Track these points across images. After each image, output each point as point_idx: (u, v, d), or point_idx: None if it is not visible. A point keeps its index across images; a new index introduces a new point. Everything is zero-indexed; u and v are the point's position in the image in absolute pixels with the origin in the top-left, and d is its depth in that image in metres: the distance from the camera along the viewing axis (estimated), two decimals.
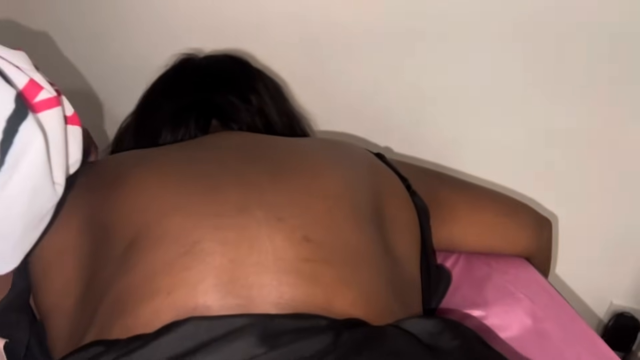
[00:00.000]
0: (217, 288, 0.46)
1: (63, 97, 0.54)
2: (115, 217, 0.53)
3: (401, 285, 0.55)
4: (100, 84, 1.08)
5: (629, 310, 1.16)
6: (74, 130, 0.54)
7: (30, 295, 0.57)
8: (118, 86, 1.03)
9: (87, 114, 0.66)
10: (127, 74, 1.00)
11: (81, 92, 1.07)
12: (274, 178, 0.55)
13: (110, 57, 1.04)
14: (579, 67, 0.91)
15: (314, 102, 0.99)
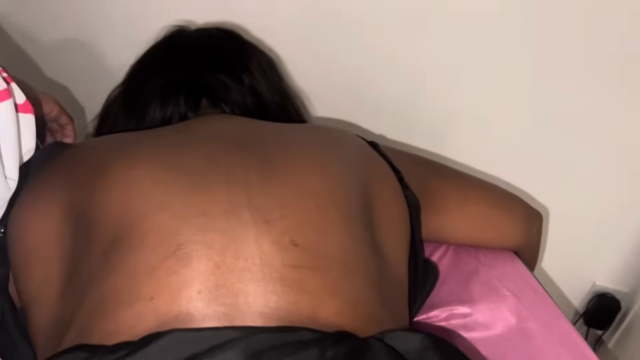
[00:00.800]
0: (202, 295, 0.45)
1: (13, 85, 0.52)
2: (98, 213, 0.51)
3: (388, 288, 0.55)
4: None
5: (610, 291, 1.19)
6: (26, 119, 0.53)
7: (8, 282, 0.57)
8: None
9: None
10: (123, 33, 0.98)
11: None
12: (263, 176, 0.53)
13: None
14: (577, 48, 0.90)
15: (308, 80, 0.96)
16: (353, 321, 0.47)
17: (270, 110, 0.77)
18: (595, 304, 1.19)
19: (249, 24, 0.90)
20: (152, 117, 0.71)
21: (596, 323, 1.21)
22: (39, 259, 0.53)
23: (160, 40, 0.79)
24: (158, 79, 0.73)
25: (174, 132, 0.62)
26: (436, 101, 1.03)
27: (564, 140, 1.01)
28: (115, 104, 0.78)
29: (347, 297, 0.49)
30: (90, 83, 1.04)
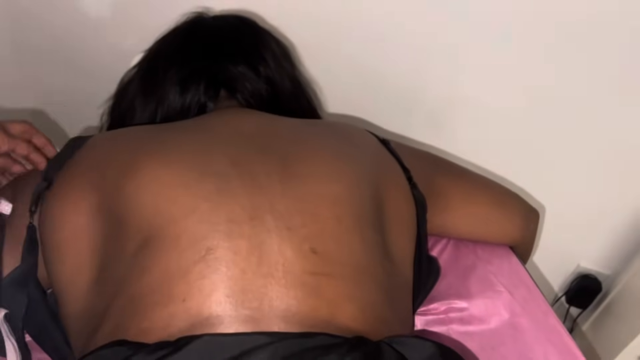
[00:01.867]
0: (230, 299, 0.49)
1: None
2: (129, 212, 0.54)
3: (395, 288, 0.59)
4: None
5: (593, 273, 1.25)
6: None
7: (36, 271, 0.60)
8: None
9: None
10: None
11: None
12: (284, 182, 0.56)
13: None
14: (581, 38, 0.92)
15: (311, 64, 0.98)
16: (364, 325, 0.52)
17: (283, 98, 0.79)
18: (578, 284, 1.26)
19: (264, 11, 0.91)
20: (171, 103, 0.73)
21: (577, 302, 1.28)
22: (71, 251, 0.56)
23: (179, 26, 0.80)
24: (178, 66, 0.74)
25: (196, 131, 0.64)
26: (437, 89, 1.05)
27: (556, 131, 1.04)
28: (132, 86, 0.79)
29: (359, 302, 0.53)
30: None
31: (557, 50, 0.93)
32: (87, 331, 0.53)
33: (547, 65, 0.96)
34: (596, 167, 1.08)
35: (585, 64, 0.94)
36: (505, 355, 0.67)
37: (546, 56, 0.95)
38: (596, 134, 1.03)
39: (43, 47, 1.18)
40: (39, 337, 0.60)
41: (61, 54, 1.17)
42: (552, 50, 0.93)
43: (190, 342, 0.45)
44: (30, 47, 1.20)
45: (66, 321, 0.57)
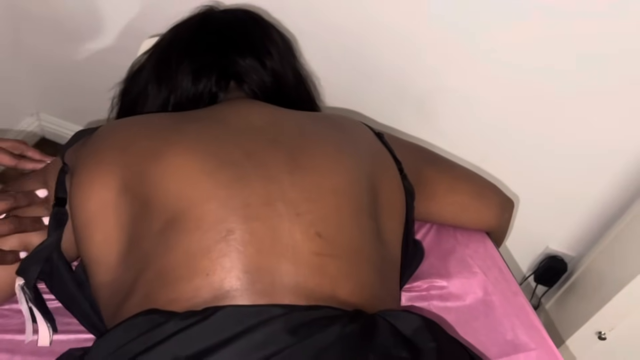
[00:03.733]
0: (247, 275, 0.56)
1: None
2: (154, 195, 0.60)
3: (386, 269, 0.68)
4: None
5: (560, 254, 1.36)
6: None
7: (60, 246, 0.66)
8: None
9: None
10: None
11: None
12: (292, 173, 0.63)
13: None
14: (562, 35, 0.98)
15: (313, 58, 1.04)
16: (361, 300, 0.60)
17: (286, 90, 0.86)
18: (546, 264, 1.36)
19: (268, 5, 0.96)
20: (184, 92, 0.79)
21: (544, 280, 1.39)
22: (100, 224, 0.62)
23: (190, 19, 0.85)
24: (191, 58, 0.80)
25: (212, 123, 0.70)
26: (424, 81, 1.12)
27: (532, 123, 1.13)
28: (144, 73, 0.85)
29: (357, 280, 0.61)
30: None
31: (539, 47, 1.00)
32: (117, 300, 0.60)
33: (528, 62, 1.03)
34: (566, 158, 1.16)
35: (564, 63, 1.01)
36: (478, 329, 0.76)
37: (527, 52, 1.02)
38: (568, 127, 1.11)
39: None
40: (68, 304, 0.67)
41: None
42: (534, 46, 1.00)
43: (216, 311, 0.52)
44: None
45: (96, 290, 0.63)
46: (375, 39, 1.08)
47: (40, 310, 0.64)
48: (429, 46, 1.07)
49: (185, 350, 0.49)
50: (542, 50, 1.01)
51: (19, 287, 0.61)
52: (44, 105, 1.67)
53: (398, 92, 1.16)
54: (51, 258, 0.64)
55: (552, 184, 1.22)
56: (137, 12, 1.27)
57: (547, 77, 1.04)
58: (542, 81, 1.05)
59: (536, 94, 1.07)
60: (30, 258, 0.63)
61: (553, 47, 0.99)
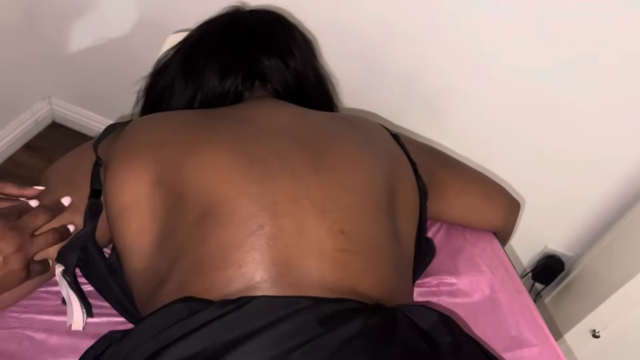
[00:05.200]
0: (276, 268, 0.60)
1: None
2: (187, 189, 0.64)
3: (402, 266, 0.72)
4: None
5: (558, 254, 1.40)
6: None
7: (94, 236, 0.69)
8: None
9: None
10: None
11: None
12: (317, 172, 0.67)
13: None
14: (572, 42, 1.01)
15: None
16: (380, 294, 0.64)
17: (307, 89, 0.89)
18: (544, 263, 1.41)
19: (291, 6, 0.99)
20: (211, 89, 0.83)
21: (541, 279, 1.43)
22: (134, 214, 0.66)
23: (218, 18, 0.88)
24: (218, 56, 0.83)
25: (240, 122, 0.73)
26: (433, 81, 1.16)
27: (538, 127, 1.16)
28: (171, 69, 0.88)
29: (377, 275, 0.65)
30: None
31: (544, 50, 1.04)
32: (151, 287, 0.63)
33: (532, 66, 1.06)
34: (567, 161, 1.20)
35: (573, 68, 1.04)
36: (484, 324, 0.80)
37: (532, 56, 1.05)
38: (570, 131, 1.15)
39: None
40: (101, 290, 0.71)
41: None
42: (539, 50, 1.04)
43: (250, 301, 0.56)
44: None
45: (130, 277, 0.67)
46: (386, 40, 1.11)
47: (78, 295, 0.68)
48: (438, 48, 1.10)
49: (221, 336, 0.53)
50: (547, 54, 1.04)
51: (59, 273, 0.64)
52: (56, 89, 1.69)
53: (406, 92, 1.20)
54: (86, 246, 0.68)
55: (553, 185, 1.26)
56: (151, 3, 1.30)
57: (550, 81, 1.08)
58: (545, 85, 1.08)
59: (539, 97, 1.11)
60: (68, 246, 0.66)
61: (558, 51, 1.03)
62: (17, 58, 1.52)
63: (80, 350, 0.65)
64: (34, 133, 1.70)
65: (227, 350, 0.51)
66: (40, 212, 0.64)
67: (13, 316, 0.68)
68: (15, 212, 0.62)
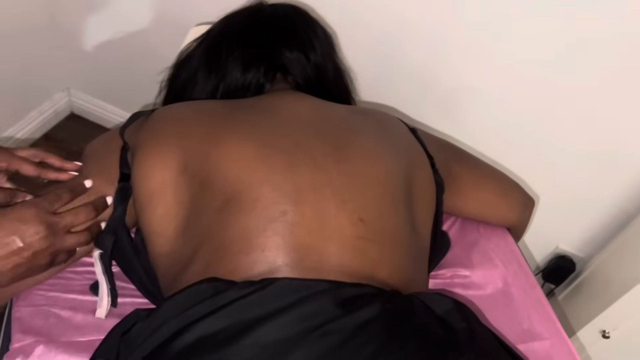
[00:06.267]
0: (298, 253, 0.62)
1: None
2: (214, 175, 0.66)
3: (419, 257, 0.73)
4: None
5: (569, 254, 1.41)
6: None
7: (124, 218, 0.71)
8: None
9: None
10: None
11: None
12: (338, 163, 0.68)
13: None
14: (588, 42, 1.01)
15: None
16: (397, 282, 0.66)
17: (327, 83, 0.91)
18: (555, 263, 1.41)
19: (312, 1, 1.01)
20: (233, 81, 0.85)
21: (552, 279, 1.44)
22: (160, 200, 0.68)
23: (241, 11, 0.90)
24: (241, 49, 0.85)
25: (263, 113, 0.75)
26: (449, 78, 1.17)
27: (553, 126, 1.17)
28: (194, 60, 0.90)
29: (395, 264, 0.67)
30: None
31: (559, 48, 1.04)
32: (176, 269, 0.65)
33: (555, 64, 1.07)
34: (582, 162, 1.21)
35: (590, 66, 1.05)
36: (497, 317, 0.81)
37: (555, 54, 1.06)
38: (587, 132, 1.15)
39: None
40: (127, 271, 0.73)
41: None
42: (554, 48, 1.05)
43: (273, 282, 0.58)
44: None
45: (155, 259, 0.69)
46: (403, 36, 1.13)
47: (109, 281, 0.70)
48: (454, 45, 1.12)
49: (246, 314, 0.55)
50: (565, 51, 1.05)
51: (96, 256, 0.67)
52: (75, 81, 1.72)
53: (422, 88, 1.21)
54: (117, 229, 0.70)
55: (566, 185, 1.27)
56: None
57: (564, 79, 1.08)
58: (559, 83, 1.09)
59: (553, 95, 1.12)
60: (104, 230, 0.69)
61: (574, 49, 1.03)
62: (39, 49, 1.55)
63: (104, 328, 0.67)
64: (53, 123, 1.74)
65: (251, 327, 0.53)
66: (82, 210, 0.66)
67: (40, 294, 0.70)
68: (57, 200, 0.64)
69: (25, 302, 0.69)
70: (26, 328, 0.66)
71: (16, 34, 1.45)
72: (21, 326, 0.66)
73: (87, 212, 0.66)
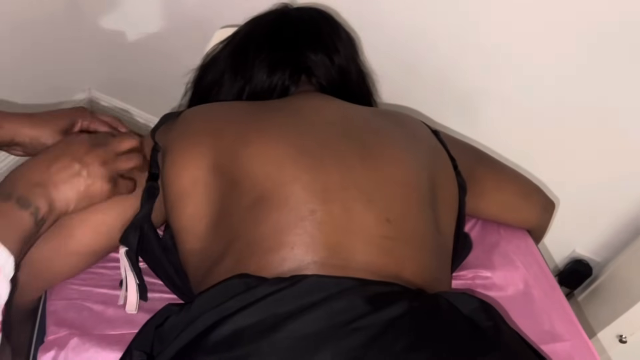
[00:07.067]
0: (326, 250, 0.63)
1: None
2: (244, 174, 0.67)
3: (443, 257, 0.74)
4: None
5: (586, 259, 1.40)
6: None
7: (150, 217, 0.72)
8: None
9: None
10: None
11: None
12: (364, 164, 0.70)
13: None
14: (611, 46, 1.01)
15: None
16: (422, 281, 0.67)
17: (350, 85, 0.92)
18: (571, 267, 1.41)
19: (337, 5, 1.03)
20: (259, 83, 0.86)
21: (568, 283, 1.44)
22: (191, 198, 0.69)
23: (266, 15, 0.92)
24: (267, 52, 0.87)
25: (290, 114, 0.77)
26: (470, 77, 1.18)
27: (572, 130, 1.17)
28: (220, 62, 0.92)
29: (420, 263, 0.68)
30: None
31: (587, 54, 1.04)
32: (206, 266, 0.67)
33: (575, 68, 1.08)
34: (602, 168, 1.21)
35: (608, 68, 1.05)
36: (518, 318, 0.82)
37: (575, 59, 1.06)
38: (606, 136, 1.15)
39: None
40: (155, 268, 0.75)
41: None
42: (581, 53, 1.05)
43: (303, 279, 0.59)
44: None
45: (185, 256, 0.71)
46: (423, 41, 1.14)
47: (137, 277, 0.72)
48: (473, 49, 1.12)
49: (278, 309, 0.56)
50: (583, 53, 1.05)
51: (122, 253, 0.68)
52: (96, 82, 1.75)
53: (442, 91, 1.22)
54: (142, 227, 0.72)
55: (583, 190, 1.27)
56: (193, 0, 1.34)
57: (585, 82, 1.08)
58: (579, 87, 1.09)
59: (573, 99, 1.12)
60: (129, 227, 0.70)
61: (595, 50, 1.03)
62: (62, 49, 1.58)
63: (134, 322, 0.69)
64: None
65: (284, 321, 0.55)
66: (125, 137, 0.70)
67: (73, 288, 0.71)
68: (104, 139, 0.68)
69: (59, 295, 0.71)
70: (60, 321, 0.68)
71: (38, 34, 1.48)
72: (56, 319, 0.68)
73: (129, 137, 0.71)
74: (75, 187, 0.62)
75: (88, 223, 0.69)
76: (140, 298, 0.72)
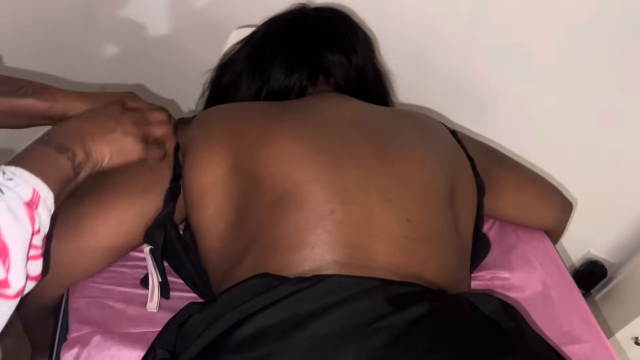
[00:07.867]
0: (347, 251, 0.63)
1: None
2: (264, 174, 0.68)
3: (463, 257, 0.74)
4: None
5: (601, 260, 1.40)
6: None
7: (172, 216, 0.73)
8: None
9: None
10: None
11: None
12: (383, 164, 0.70)
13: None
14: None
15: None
16: (443, 281, 0.67)
17: (367, 85, 0.92)
18: (586, 268, 1.41)
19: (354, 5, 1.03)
20: (277, 83, 0.86)
21: (582, 284, 1.43)
22: (211, 197, 0.70)
23: (284, 15, 0.92)
24: (285, 52, 0.87)
25: (309, 114, 0.77)
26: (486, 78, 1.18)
27: (588, 130, 1.16)
28: (238, 63, 0.92)
29: (440, 263, 0.68)
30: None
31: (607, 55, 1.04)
32: (227, 264, 0.67)
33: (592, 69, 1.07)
34: (618, 170, 1.21)
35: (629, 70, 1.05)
36: (536, 319, 0.82)
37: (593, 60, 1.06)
38: (623, 137, 1.15)
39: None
40: (176, 267, 0.75)
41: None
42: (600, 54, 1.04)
43: (324, 279, 0.59)
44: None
45: (205, 255, 0.71)
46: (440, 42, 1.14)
47: (160, 275, 0.72)
48: (489, 49, 1.12)
49: (300, 308, 0.57)
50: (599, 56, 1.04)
51: (147, 252, 0.69)
52: (109, 80, 1.75)
53: (458, 91, 1.21)
54: (165, 226, 0.72)
55: (598, 191, 1.26)
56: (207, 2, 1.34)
57: (602, 84, 1.08)
58: (595, 88, 1.09)
59: (589, 100, 1.12)
60: (152, 226, 0.71)
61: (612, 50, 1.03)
62: (77, 49, 1.58)
63: (155, 321, 0.69)
64: None
65: (306, 321, 0.55)
66: (157, 109, 0.74)
67: (95, 286, 0.72)
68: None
69: (82, 293, 0.71)
70: (83, 318, 0.68)
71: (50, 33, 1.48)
72: (78, 317, 0.69)
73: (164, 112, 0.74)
74: (110, 142, 0.64)
75: (109, 222, 0.70)
76: (162, 296, 0.73)
